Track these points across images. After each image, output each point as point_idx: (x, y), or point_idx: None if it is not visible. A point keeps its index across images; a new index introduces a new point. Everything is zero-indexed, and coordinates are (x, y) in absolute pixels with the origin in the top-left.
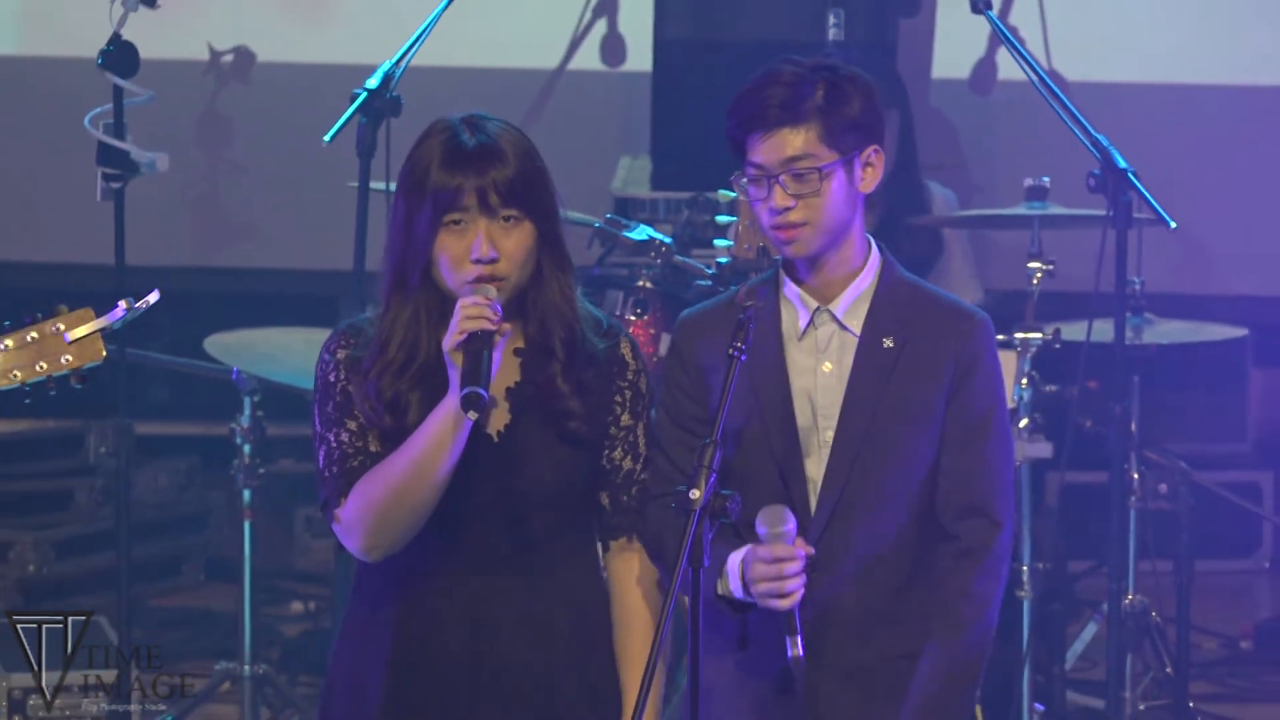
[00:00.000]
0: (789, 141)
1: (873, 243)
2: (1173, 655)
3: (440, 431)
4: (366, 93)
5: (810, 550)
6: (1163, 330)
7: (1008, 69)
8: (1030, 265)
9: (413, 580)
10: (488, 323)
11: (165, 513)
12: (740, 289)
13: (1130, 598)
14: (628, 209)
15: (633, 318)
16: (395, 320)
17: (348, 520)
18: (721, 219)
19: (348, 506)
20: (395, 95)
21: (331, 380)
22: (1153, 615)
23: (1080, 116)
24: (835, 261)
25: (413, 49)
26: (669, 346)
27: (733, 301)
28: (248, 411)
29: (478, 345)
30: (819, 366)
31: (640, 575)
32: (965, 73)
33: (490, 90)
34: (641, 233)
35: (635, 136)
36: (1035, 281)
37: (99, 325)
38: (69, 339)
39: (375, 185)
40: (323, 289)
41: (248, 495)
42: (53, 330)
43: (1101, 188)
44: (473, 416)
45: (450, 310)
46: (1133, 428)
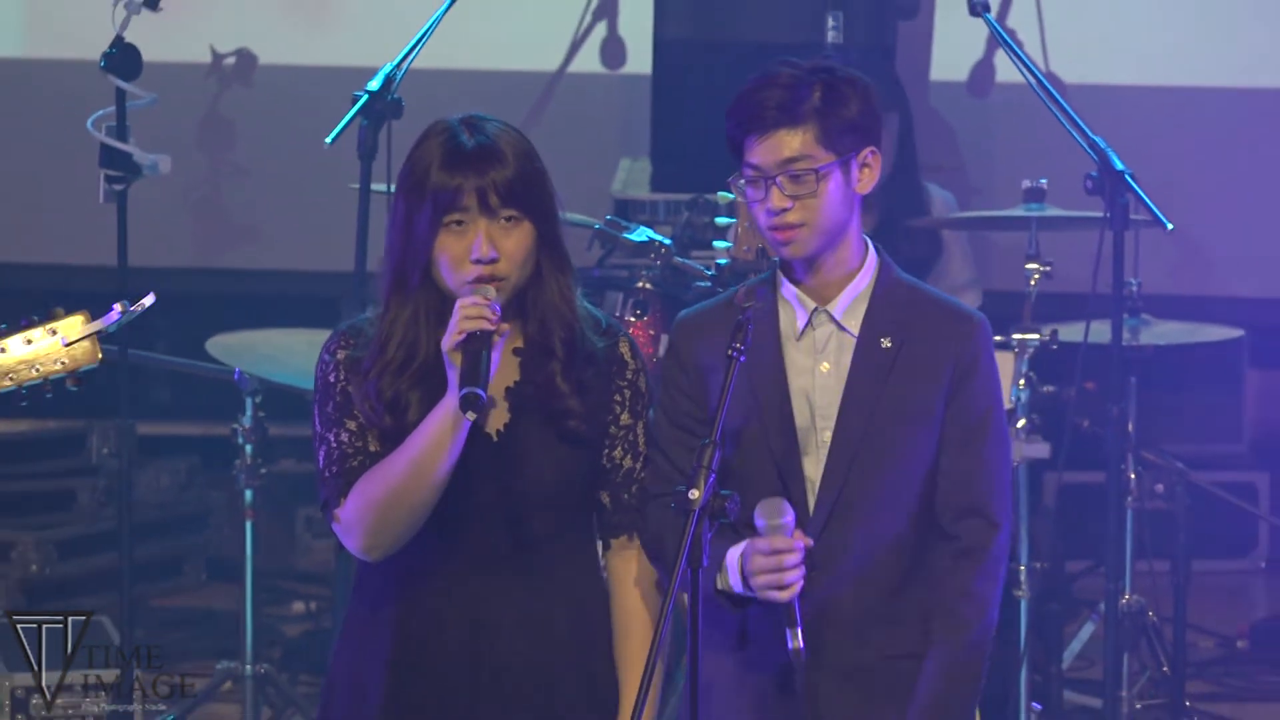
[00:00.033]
0: (786, 143)
1: (870, 244)
2: (1169, 655)
3: (439, 431)
4: (368, 95)
5: (809, 541)
6: (1159, 331)
7: (1006, 71)
8: (1028, 267)
9: (412, 580)
10: (486, 323)
11: (167, 513)
12: (739, 289)
13: (1127, 597)
14: (627, 211)
15: (632, 319)
16: (395, 320)
17: (347, 520)
18: (721, 221)
19: (347, 506)
20: (396, 98)
21: (331, 380)
22: (1149, 615)
23: (1078, 118)
24: (832, 262)
25: (414, 51)
26: (666, 347)
27: (731, 302)
28: (249, 412)
29: (476, 345)
30: (817, 367)
31: (640, 575)
32: (963, 75)
33: (491, 92)
34: (641, 234)
35: (635, 138)
36: (1033, 283)
37: (94, 328)
38: (65, 342)
39: (376, 187)
40: (324, 290)
41: (249, 495)
42: (49, 333)
43: (1099, 189)
44: (471, 417)
45: (450, 310)
46: (1130, 428)
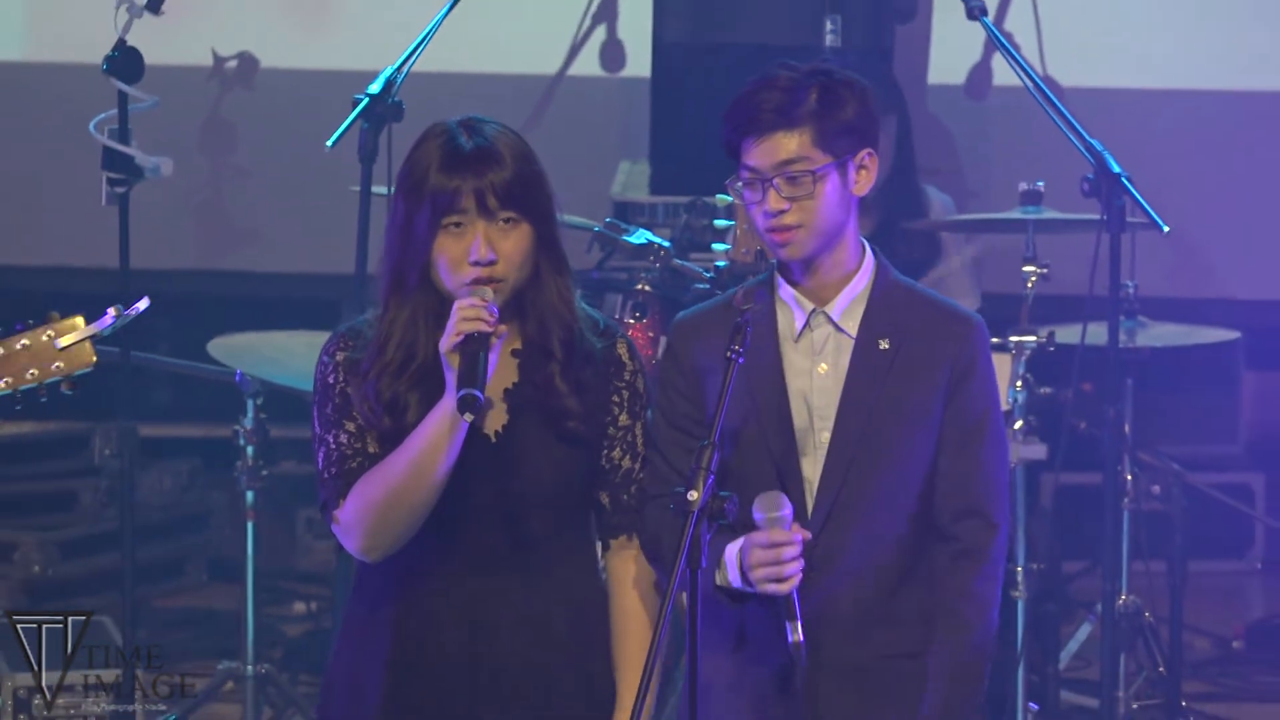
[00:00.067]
0: (783, 145)
1: (867, 246)
2: (1166, 655)
3: (437, 433)
4: (368, 98)
5: (807, 535)
6: (1156, 333)
7: (1003, 74)
8: (1025, 269)
9: (411, 580)
10: (484, 324)
11: (169, 514)
12: (737, 291)
13: (1124, 598)
14: (627, 213)
15: (631, 321)
16: (394, 321)
17: (346, 521)
18: (720, 223)
19: (346, 507)
20: (397, 100)
21: (330, 382)
22: (1146, 615)
23: (1074, 121)
24: (830, 264)
25: (414, 55)
26: (664, 348)
27: (729, 304)
28: (251, 414)
29: (474, 347)
30: (815, 368)
31: (638, 575)
32: (961, 78)
33: (491, 95)
34: (640, 237)
35: (634, 141)
36: (1030, 285)
37: (89, 332)
38: (59, 346)
39: (377, 190)
40: (325, 292)
41: (250, 496)
42: (44, 337)
43: (1095, 192)
44: (468, 418)
45: (448, 312)
46: (1126, 430)
